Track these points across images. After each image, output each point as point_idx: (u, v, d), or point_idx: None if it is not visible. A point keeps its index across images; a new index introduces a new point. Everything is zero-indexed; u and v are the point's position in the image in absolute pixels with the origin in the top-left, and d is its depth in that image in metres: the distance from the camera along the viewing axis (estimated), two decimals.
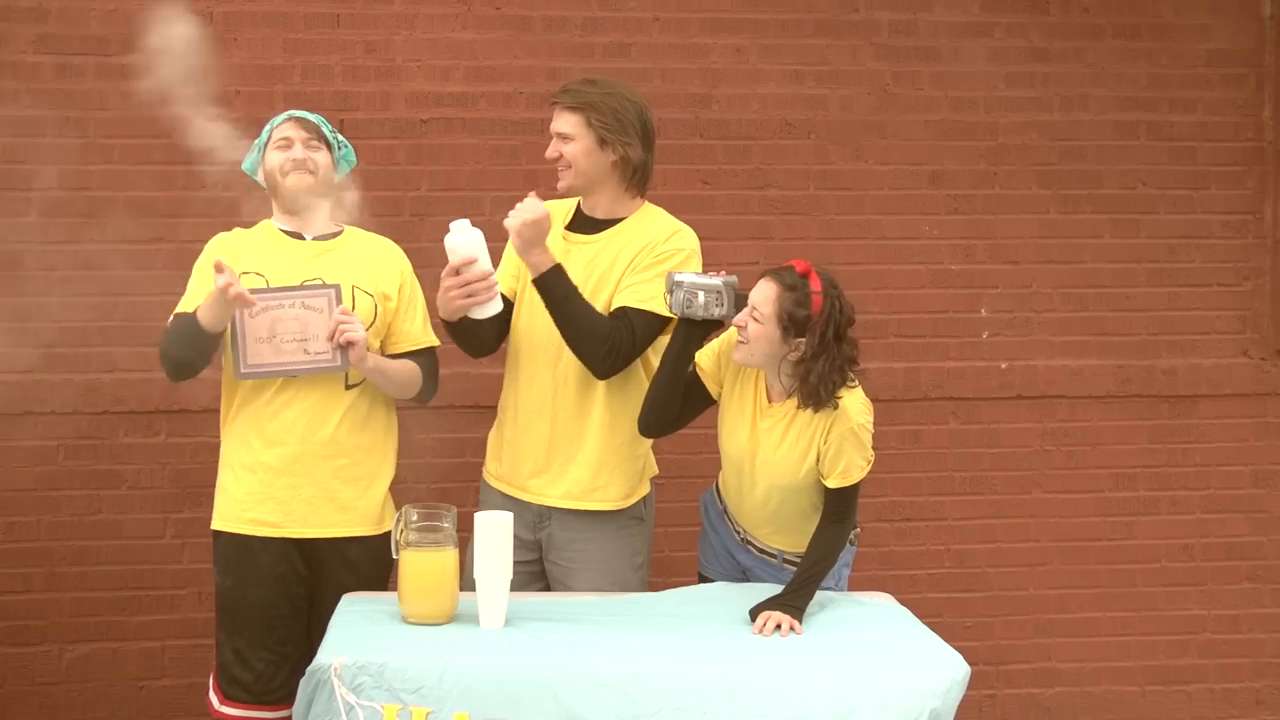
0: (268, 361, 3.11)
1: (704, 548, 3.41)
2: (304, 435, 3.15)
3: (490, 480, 3.38)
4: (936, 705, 2.60)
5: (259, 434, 3.17)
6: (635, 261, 3.22)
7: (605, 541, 3.28)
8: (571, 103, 3.22)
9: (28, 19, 4.06)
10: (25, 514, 4.08)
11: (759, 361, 3.03)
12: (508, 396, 3.36)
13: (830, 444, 2.99)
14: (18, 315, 4.04)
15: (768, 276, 3.02)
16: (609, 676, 2.59)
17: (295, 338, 3.10)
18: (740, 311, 3.04)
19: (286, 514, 3.16)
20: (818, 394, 2.94)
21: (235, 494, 3.20)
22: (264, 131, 3.30)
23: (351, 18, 4.18)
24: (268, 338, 3.10)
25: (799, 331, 2.95)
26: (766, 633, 2.87)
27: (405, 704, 2.55)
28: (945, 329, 4.42)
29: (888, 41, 4.38)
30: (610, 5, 4.28)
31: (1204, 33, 4.48)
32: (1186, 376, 4.48)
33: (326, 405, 3.17)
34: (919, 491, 4.41)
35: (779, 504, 3.12)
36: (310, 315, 3.10)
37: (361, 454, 3.22)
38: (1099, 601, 4.46)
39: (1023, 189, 4.43)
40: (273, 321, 3.10)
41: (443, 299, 3.12)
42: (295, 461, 3.15)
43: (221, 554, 3.21)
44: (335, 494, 3.19)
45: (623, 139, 3.21)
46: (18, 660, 4.09)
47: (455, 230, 3.10)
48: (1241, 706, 4.51)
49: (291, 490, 3.16)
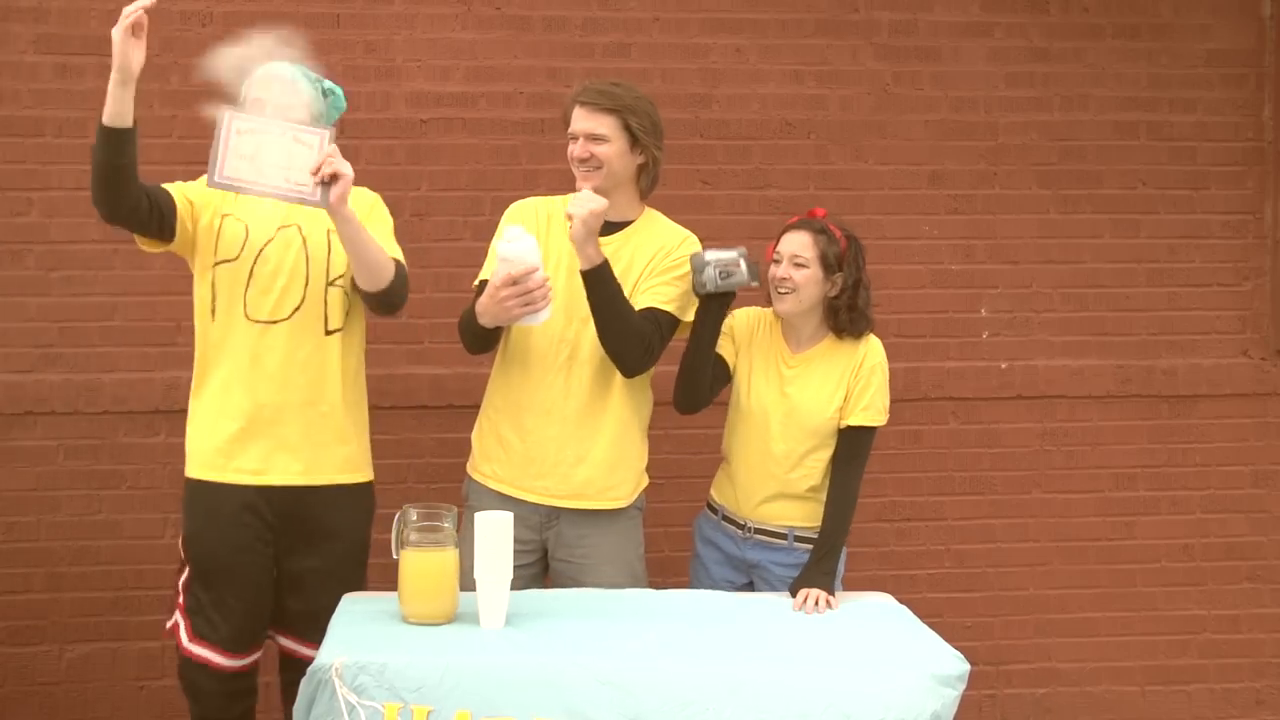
0: (244, 177, 2.98)
1: (695, 570, 3.49)
2: (284, 382, 3.15)
3: (484, 481, 3.35)
4: (937, 707, 2.60)
5: (240, 382, 3.16)
6: (652, 265, 3.27)
7: (617, 537, 3.32)
8: (609, 104, 3.23)
9: (28, 19, 4.06)
10: (25, 514, 4.08)
11: (807, 306, 3.29)
12: (504, 397, 3.34)
13: (861, 378, 3.28)
14: (18, 315, 4.04)
15: (795, 229, 3.31)
16: (611, 674, 2.59)
17: (279, 164, 2.99)
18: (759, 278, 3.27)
19: (266, 461, 3.16)
20: (864, 318, 3.30)
21: (214, 441, 3.18)
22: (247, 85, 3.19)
23: (351, 18, 4.18)
24: (250, 155, 2.98)
25: (836, 268, 3.26)
26: (808, 610, 3.09)
27: (407, 703, 2.55)
28: (945, 329, 4.42)
29: (888, 41, 4.38)
30: (610, 5, 4.28)
31: (1204, 33, 4.48)
32: (1186, 376, 4.48)
33: (307, 352, 3.17)
34: (919, 491, 4.41)
35: (799, 459, 3.28)
36: (299, 149, 3.00)
37: (341, 404, 3.22)
38: (1099, 601, 4.47)
39: (1023, 189, 4.44)
40: (259, 143, 2.98)
41: (498, 308, 3.08)
42: (276, 409, 3.15)
43: (193, 501, 3.21)
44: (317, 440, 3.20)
45: (655, 142, 3.28)
46: (18, 660, 4.09)
47: (512, 238, 3.07)
48: (1241, 706, 4.51)
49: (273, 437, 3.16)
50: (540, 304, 3.07)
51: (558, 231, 3.28)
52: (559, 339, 3.24)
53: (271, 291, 3.17)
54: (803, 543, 3.30)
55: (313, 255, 3.20)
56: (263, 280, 3.17)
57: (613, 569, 3.29)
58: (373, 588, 3.27)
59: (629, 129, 3.23)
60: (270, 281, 3.17)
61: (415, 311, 3.86)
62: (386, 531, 2.93)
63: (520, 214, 3.37)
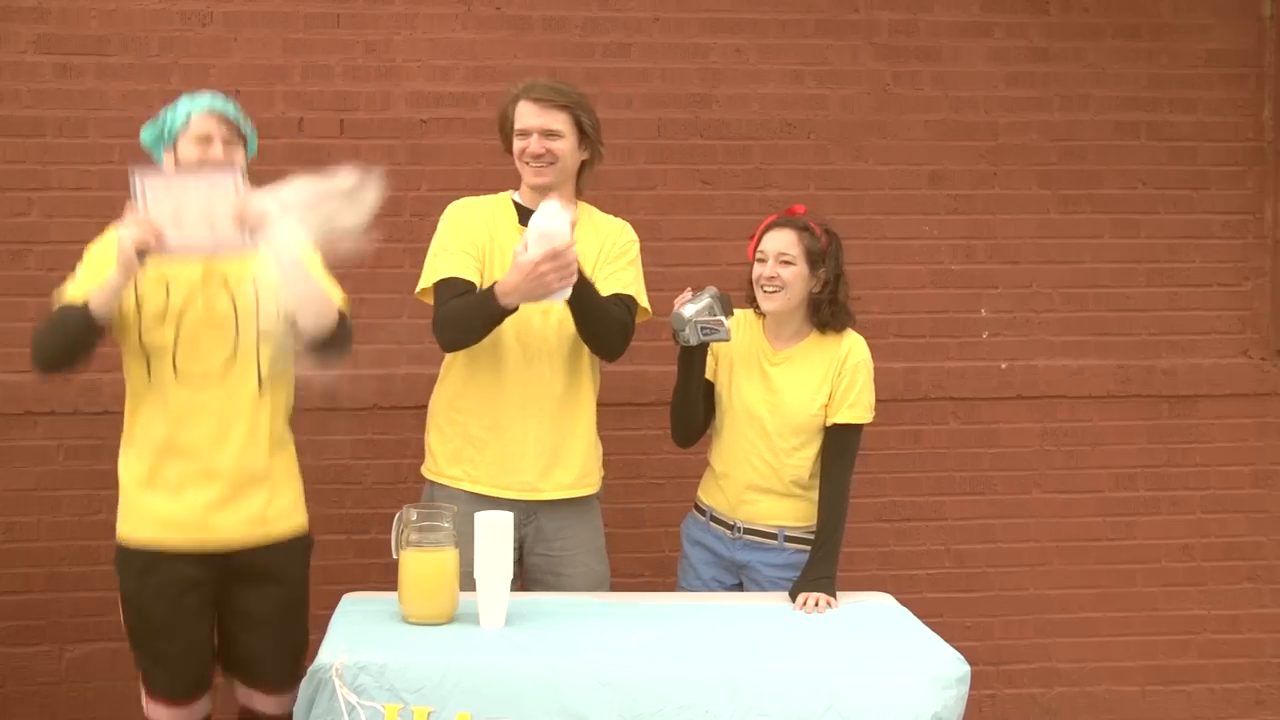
0: (171, 241, 2.88)
1: (684, 571, 3.50)
2: (215, 441, 3.03)
3: (455, 484, 3.31)
4: (938, 708, 2.60)
5: (168, 442, 3.04)
6: (603, 254, 3.31)
7: (590, 525, 3.39)
8: (563, 101, 3.27)
9: (28, 19, 4.06)
10: (25, 514, 4.08)
11: (795, 302, 3.32)
12: (473, 397, 3.30)
13: (845, 375, 3.30)
14: (18, 315, 4.04)
15: (777, 227, 3.34)
16: (611, 676, 2.59)
17: (201, 218, 2.89)
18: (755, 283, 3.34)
19: (204, 523, 3.04)
20: (846, 311, 3.34)
21: (152, 503, 3.06)
22: (176, 114, 3.10)
23: (351, 18, 4.18)
24: (171, 215, 2.88)
25: (820, 264, 3.30)
26: (808, 610, 3.11)
27: (407, 704, 2.55)
28: (945, 329, 4.42)
29: (888, 41, 4.38)
30: (610, 5, 4.28)
31: (1204, 33, 4.48)
32: (1186, 376, 4.48)
33: (236, 413, 3.05)
34: (919, 491, 4.41)
35: (787, 455, 3.30)
36: (215, 196, 2.89)
37: (275, 466, 3.12)
38: (1099, 601, 4.47)
39: (1023, 189, 4.44)
40: (176, 201, 2.89)
41: (533, 284, 3.02)
42: (213, 471, 3.03)
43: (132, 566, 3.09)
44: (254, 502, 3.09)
45: (599, 139, 3.34)
46: (18, 660, 4.09)
47: (550, 212, 3.03)
48: (1241, 706, 4.51)
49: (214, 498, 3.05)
50: (574, 278, 3.07)
51: (504, 229, 3.30)
52: (526, 332, 3.24)
53: (199, 347, 3.04)
54: (793, 542, 3.32)
55: (241, 308, 3.07)
56: (190, 337, 3.04)
57: (591, 558, 3.36)
58: (373, 588, 3.27)
59: (580, 125, 3.28)
60: (197, 337, 3.04)
61: (416, 312, 3.85)
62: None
63: (463, 213, 3.36)
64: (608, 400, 4.02)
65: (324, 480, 4.16)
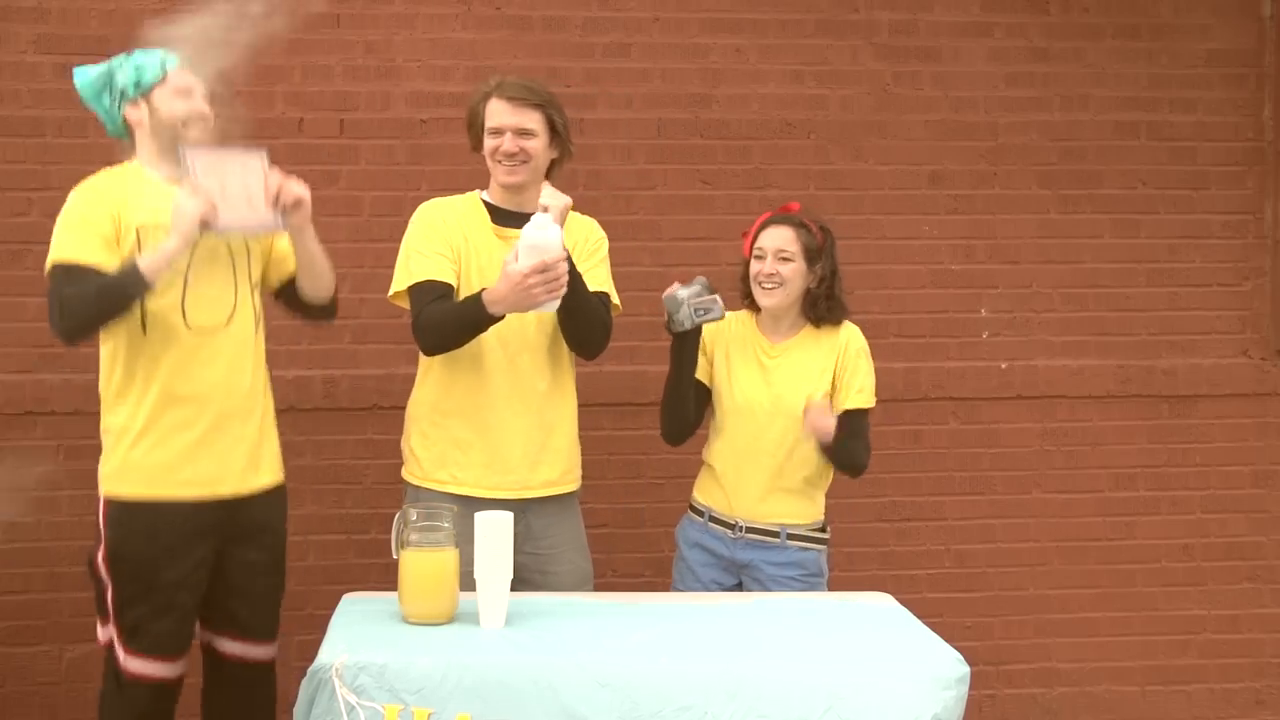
0: (224, 218, 2.98)
1: (680, 572, 3.50)
2: (224, 385, 3.10)
3: (441, 488, 3.30)
4: (938, 709, 2.59)
5: (169, 391, 3.09)
6: (578, 252, 3.28)
7: (573, 521, 3.41)
8: (536, 99, 3.27)
9: (28, 19, 4.06)
10: (25, 514, 4.08)
11: (793, 298, 3.37)
12: (456, 400, 3.29)
13: (848, 363, 3.37)
14: (18, 315, 4.04)
15: (774, 224, 3.39)
16: (610, 676, 2.59)
17: (240, 195, 2.99)
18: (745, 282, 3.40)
19: (216, 474, 3.10)
20: (841, 305, 3.39)
21: (155, 455, 3.11)
22: (148, 67, 3.08)
23: (351, 18, 4.18)
24: (218, 193, 2.97)
25: (816, 259, 3.36)
26: (811, 410, 3.27)
27: (407, 704, 2.55)
28: (945, 329, 4.42)
29: (888, 41, 4.38)
30: (610, 5, 4.28)
31: (1204, 33, 4.48)
32: (1186, 376, 4.48)
33: (242, 354, 3.13)
34: (919, 491, 4.41)
35: (791, 449, 3.33)
36: (249, 175, 3.00)
37: (268, 407, 3.23)
38: (1099, 601, 4.47)
39: (1023, 189, 4.44)
40: (221, 178, 2.98)
41: (520, 295, 3.04)
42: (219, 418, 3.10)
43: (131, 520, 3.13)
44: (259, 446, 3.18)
45: (569, 137, 3.34)
46: (18, 660, 4.09)
47: (541, 225, 3.04)
48: (1241, 706, 4.51)
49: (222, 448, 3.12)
50: (563, 290, 3.08)
51: (477, 228, 3.29)
52: (506, 330, 3.23)
53: (206, 296, 3.09)
54: (795, 540, 3.33)
55: (237, 260, 3.15)
56: (198, 286, 3.08)
57: (577, 555, 3.39)
58: (373, 588, 3.26)
59: (552, 124, 3.28)
60: (205, 288, 3.09)
61: None
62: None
63: (435, 214, 3.34)
64: (608, 400, 4.04)
65: (324, 480, 4.18)
